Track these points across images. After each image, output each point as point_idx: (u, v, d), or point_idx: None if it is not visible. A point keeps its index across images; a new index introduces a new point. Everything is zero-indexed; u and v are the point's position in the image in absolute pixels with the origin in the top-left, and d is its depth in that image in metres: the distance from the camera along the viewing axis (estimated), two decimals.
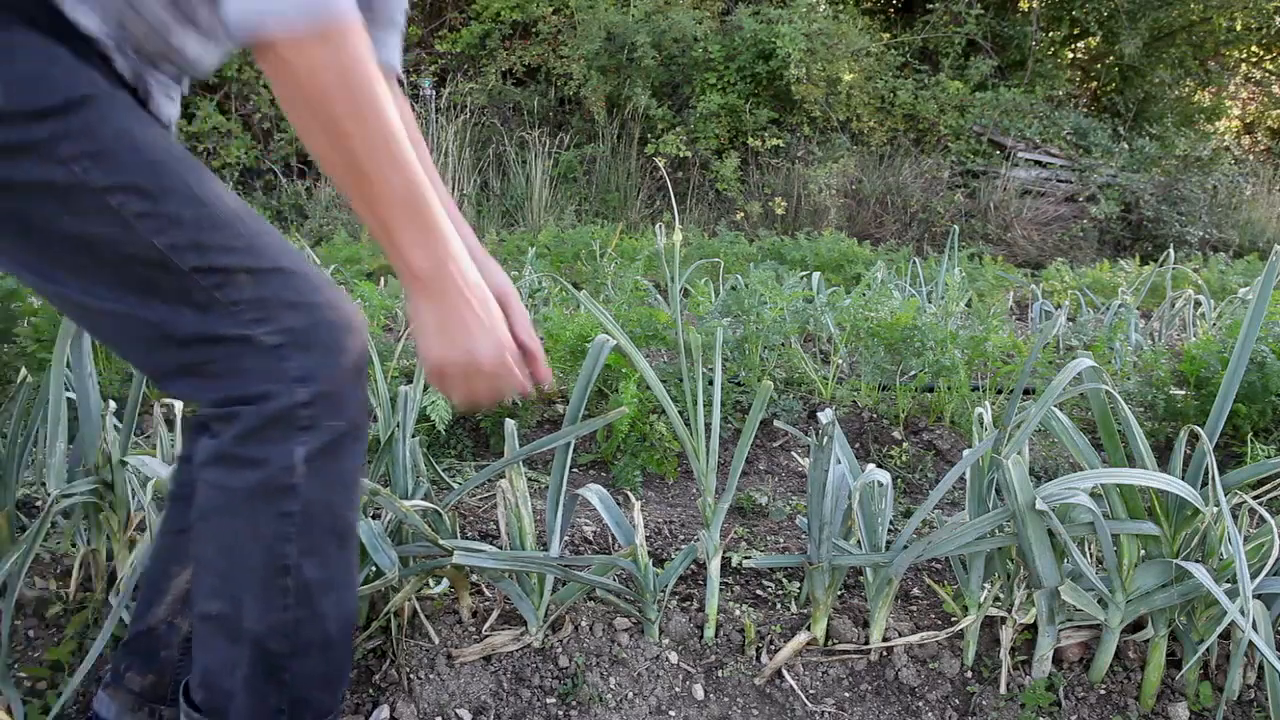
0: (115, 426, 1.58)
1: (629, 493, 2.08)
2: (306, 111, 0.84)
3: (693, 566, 1.89)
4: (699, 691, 1.51)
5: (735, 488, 2.35)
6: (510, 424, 1.62)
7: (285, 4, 0.80)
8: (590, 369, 1.60)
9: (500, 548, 1.59)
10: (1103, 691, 1.54)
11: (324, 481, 0.97)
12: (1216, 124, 11.20)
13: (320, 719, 1.07)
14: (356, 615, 1.07)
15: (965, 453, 1.49)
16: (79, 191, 0.86)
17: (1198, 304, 4.08)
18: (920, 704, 1.51)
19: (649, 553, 1.90)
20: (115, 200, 0.87)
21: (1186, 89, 10.97)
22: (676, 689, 1.51)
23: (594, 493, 1.67)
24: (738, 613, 1.70)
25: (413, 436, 1.67)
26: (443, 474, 2.12)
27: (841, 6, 9.15)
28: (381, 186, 0.87)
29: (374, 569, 1.45)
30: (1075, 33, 10.44)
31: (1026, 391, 2.79)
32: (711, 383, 1.82)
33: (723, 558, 1.92)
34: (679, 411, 1.63)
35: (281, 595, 0.99)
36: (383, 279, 4.43)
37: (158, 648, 1.20)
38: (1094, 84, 10.98)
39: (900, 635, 1.64)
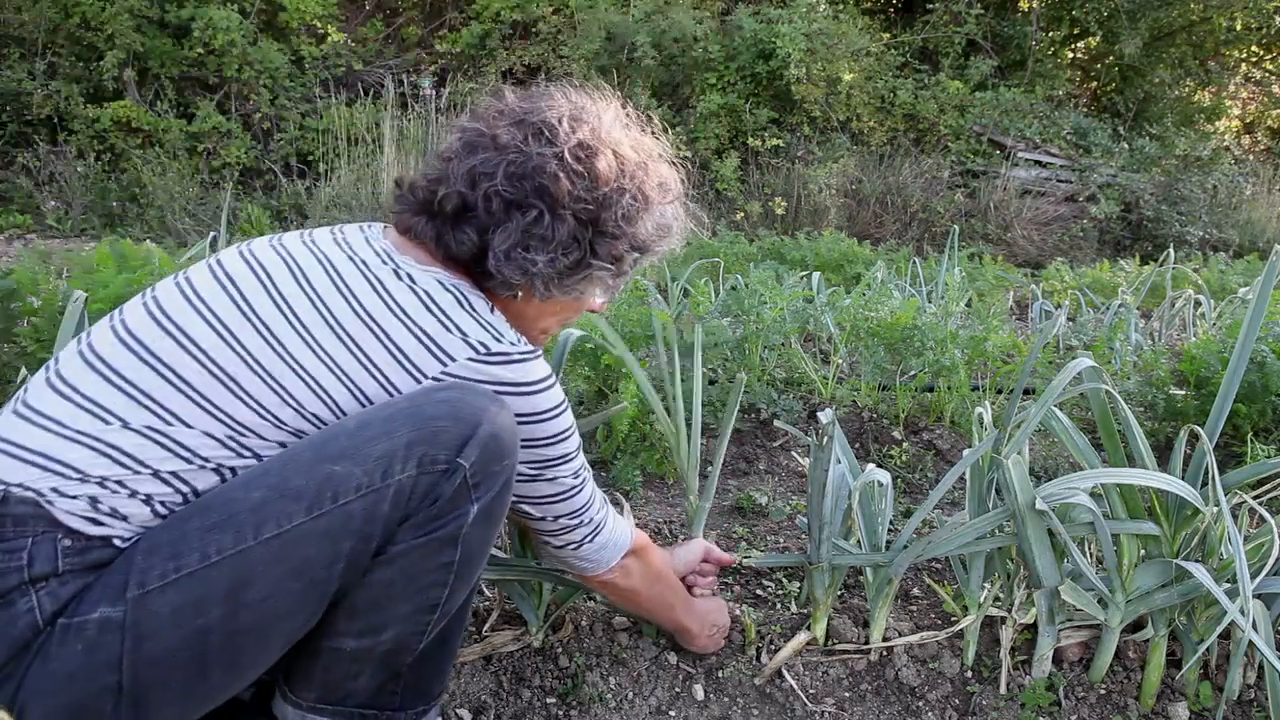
0: None
1: (621, 496, 2.08)
2: (622, 604, 1.48)
3: None
4: (699, 691, 1.51)
5: (727, 488, 2.36)
6: None
7: (608, 555, 1.31)
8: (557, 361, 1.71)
9: (501, 548, 1.59)
10: (1103, 691, 1.54)
11: (485, 528, 1.09)
12: (1216, 124, 11.19)
13: (429, 701, 1.18)
14: (468, 619, 1.28)
15: (965, 453, 1.49)
16: None
17: (1198, 304, 4.07)
18: (920, 704, 1.51)
19: None
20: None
21: (1186, 89, 10.96)
22: (677, 689, 1.51)
23: None
24: (738, 612, 1.69)
25: None
26: None
27: (841, 6, 9.14)
28: (671, 617, 1.50)
29: None
30: (1075, 33, 10.43)
31: (1026, 391, 2.79)
32: (713, 382, 1.82)
33: None
34: (665, 410, 1.63)
35: (423, 627, 1.08)
36: None
37: None
38: (1094, 84, 10.98)
39: (900, 635, 1.64)
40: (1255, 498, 1.55)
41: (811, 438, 1.56)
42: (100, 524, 0.94)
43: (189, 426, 0.98)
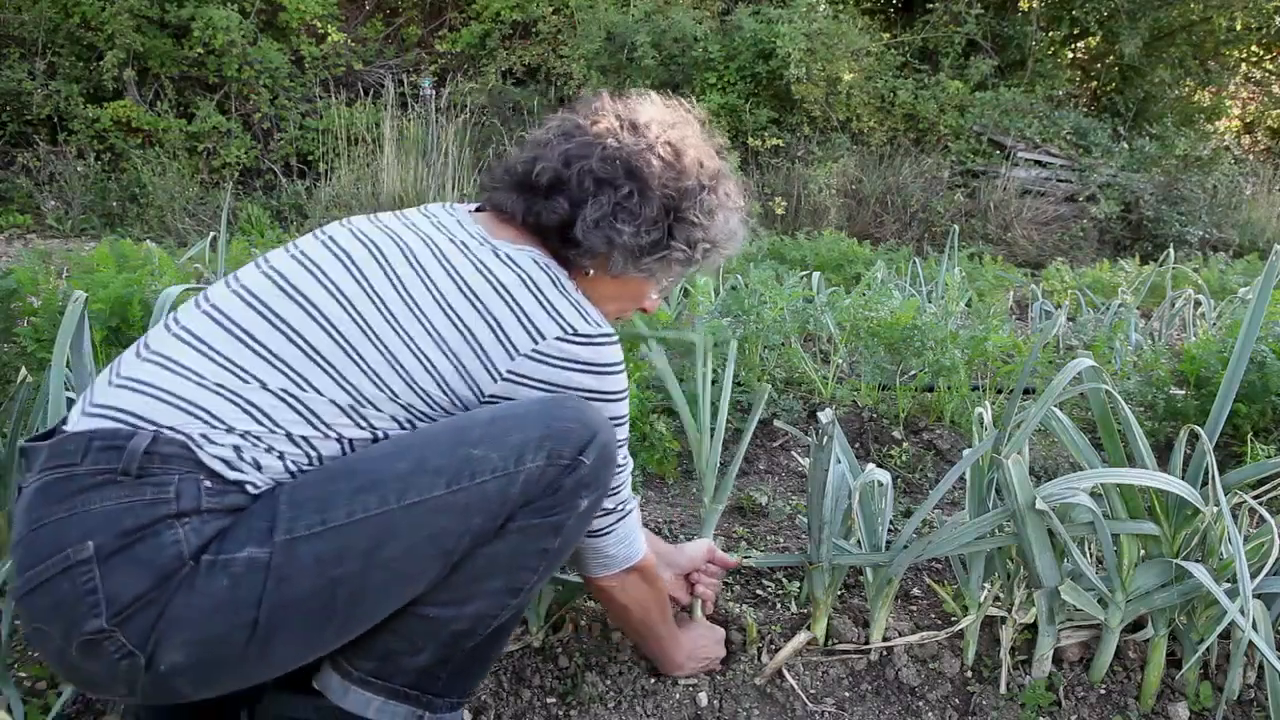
0: None
1: None
2: (611, 618, 1.52)
3: None
4: (699, 691, 1.51)
5: (734, 488, 2.36)
6: None
7: (622, 554, 1.31)
8: None
9: None
10: (1103, 691, 1.54)
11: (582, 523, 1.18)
12: (1216, 124, 11.19)
13: (463, 695, 1.21)
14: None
15: (965, 452, 1.49)
16: None
17: (1198, 304, 4.07)
18: (920, 704, 1.51)
19: None
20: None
21: (1186, 89, 10.96)
22: (677, 689, 1.51)
23: None
24: (738, 612, 1.69)
25: None
26: None
27: (841, 6, 9.14)
28: (657, 647, 1.49)
29: None
30: (1075, 32, 10.42)
31: (1026, 391, 2.79)
32: (714, 382, 1.82)
33: None
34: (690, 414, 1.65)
35: (500, 609, 1.14)
36: None
37: None
38: (1094, 84, 10.97)
39: (900, 635, 1.64)
40: (1255, 498, 1.55)
41: (811, 438, 1.56)
42: (239, 470, 1.02)
43: (320, 394, 1.05)
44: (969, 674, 1.57)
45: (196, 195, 6.90)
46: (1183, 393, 2.61)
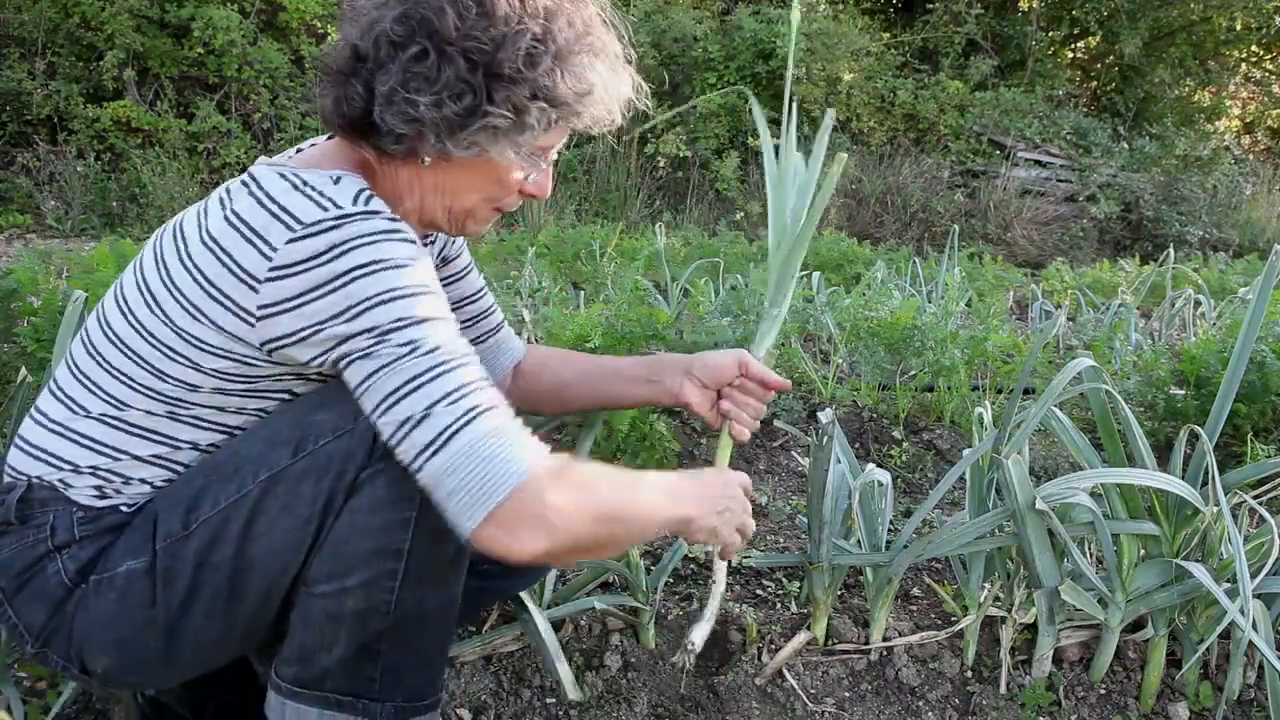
0: None
1: None
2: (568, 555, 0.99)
3: (693, 567, 1.89)
4: (701, 692, 1.51)
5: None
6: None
7: (473, 486, 0.93)
8: None
9: None
10: (1103, 691, 1.54)
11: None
12: (1216, 124, 11.19)
13: (414, 700, 1.11)
14: (456, 606, 1.14)
15: (965, 452, 1.49)
16: None
17: (1198, 304, 4.07)
18: (920, 703, 1.51)
19: (647, 551, 1.90)
20: None
21: (1186, 89, 10.97)
22: (677, 689, 1.51)
23: None
24: (738, 612, 1.69)
25: None
26: None
27: (841, 6, 9.15)
28: (648, 517, 1.04)
29: None
30: (1075, 32, 10.43)
31: (1026, 391, 2.79)
32: None
33: None
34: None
35: (390, 581, 1.04)
36: None
37: None
38: (1094, 84, 10.98)
39: (900, 635, 1.64)
40: (1255, 498, 1.55)
41: (811, 437, 1.56)
42: (109, 498, 1.06)
43: (133, 408, 1.05)
44: (969, 674, 1.57)
45: (196, 195, 6.89)
46: (1183, 393, 2.61)
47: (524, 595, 1.44)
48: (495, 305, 1.42)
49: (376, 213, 0.97)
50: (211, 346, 1.00)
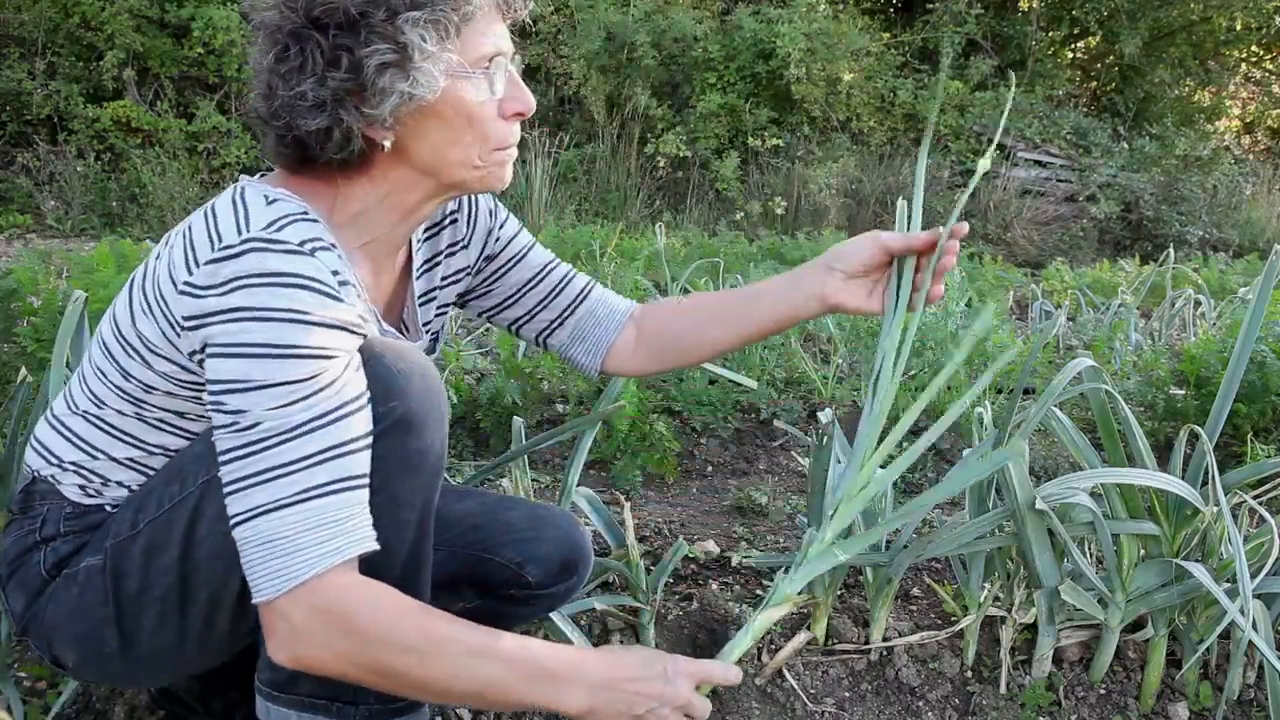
0: None
1: (620, 495, 2.08)
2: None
3: (693, 567, 1.89)
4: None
5: (727, 488, 2.36)
6: (518, 421, 1.63)
7: (274, 565, 0.92)
8: None
9: None
10: (1103, 691, 1.54)
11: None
12: (1216, 124, 11.19)
13: (388, 703, 1.09)
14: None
15: (965, 453, 1.49)
16: None
17: (1198, 304, 4.07)
18: (920, 703, 1.51)
19: (648, 551, 1.90)
20: None
21: (1186, 89, 10.96)
22: None
23: (582, 496, 1.67)
24: (737, 612, 1.69)
25: None
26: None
27: (841, 6, 9.15)
28: (454, 697, 1.14)
29: None
30: (1075, 32, 10.43)
31: (1026, 391, 2.79)
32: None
33: (722, 556, 1.93)
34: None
35: None
36: None
37: None
38: (1094, 84, 10.98)
39: (900, 635, 1.64)
40: (1255, 498, 1.55)
41: (811, 437, 1.56)
42: (95, 496, 1.11)
43: (108, 406, 1.08)
44: (969, 674, 1.57)
45: (196, 195, 6.90)
46: (1183, 393, 2.61)
47: None
48: (571, 273, 1.37)
49: (277, 243, 0.93)
50: (155, 346, 1.01)
